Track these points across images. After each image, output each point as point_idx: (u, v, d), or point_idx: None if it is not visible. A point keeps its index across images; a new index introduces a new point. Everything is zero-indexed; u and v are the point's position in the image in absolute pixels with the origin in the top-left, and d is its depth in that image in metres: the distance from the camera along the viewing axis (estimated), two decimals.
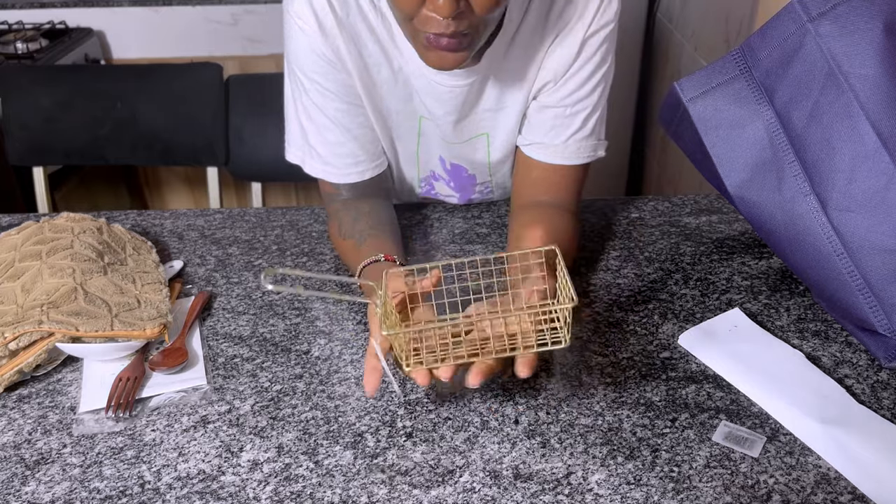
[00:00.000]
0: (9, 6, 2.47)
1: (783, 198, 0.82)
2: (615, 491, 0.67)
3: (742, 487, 0.67)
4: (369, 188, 1.02)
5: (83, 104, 1.68)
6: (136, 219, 1.14)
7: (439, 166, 1.07)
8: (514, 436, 0.73)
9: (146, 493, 0.68)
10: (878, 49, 0.75)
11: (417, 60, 0.86)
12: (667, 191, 2.24)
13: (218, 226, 1.11)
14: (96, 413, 0.77)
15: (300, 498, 0.67)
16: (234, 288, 0.96)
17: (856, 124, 0.76)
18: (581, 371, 0.81)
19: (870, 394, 0.77)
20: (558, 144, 0.97)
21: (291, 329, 0.88)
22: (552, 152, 0.97)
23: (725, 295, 0.93)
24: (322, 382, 0.80)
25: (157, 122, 1.68)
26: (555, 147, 0.97)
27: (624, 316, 0.90)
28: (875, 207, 0.75)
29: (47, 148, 1.71)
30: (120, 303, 0.85)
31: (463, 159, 1.05)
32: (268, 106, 1.66)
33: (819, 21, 0.78)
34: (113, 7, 2.48)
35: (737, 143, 0.85)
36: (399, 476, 0.69)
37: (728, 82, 0.86)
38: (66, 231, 0.95)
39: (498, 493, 0.67)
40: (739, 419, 0.74)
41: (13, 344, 0.78)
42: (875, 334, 0.80)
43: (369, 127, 0.98)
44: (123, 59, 2.56)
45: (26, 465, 0.71)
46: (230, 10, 2.50)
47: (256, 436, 0.74)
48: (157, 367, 0.81)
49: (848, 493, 0.67)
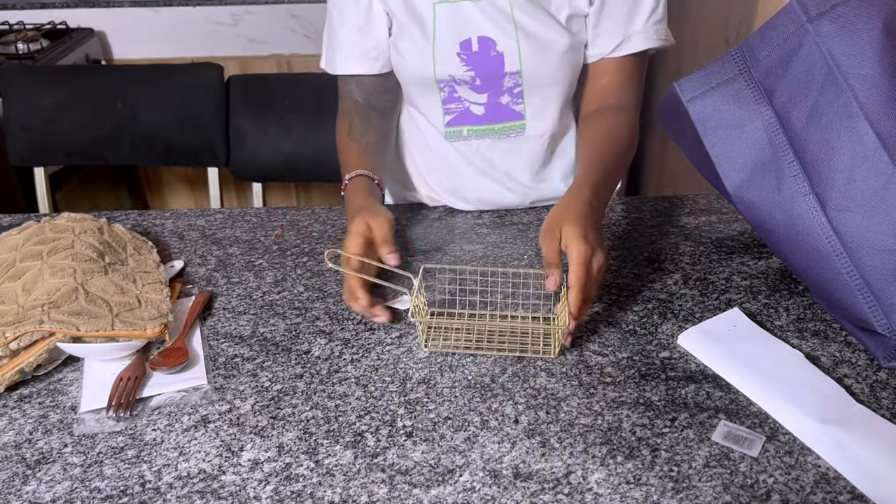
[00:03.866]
0: (9, 6, 2.47)
1: (782, 198, 0.82)
2: (615, 490, 0.67)
3: (741, 487, 0.67)
4: (377, 93, 1.09)
5: (84, 104, 1.68)
6: (137, 219, 1.14)
7: (458, 62, 1.04)
8: (513, 435, 0.73)
9: (147, 492, 0.68)
10: (877, 49, 0.75)
11: None
12: (667, 191, 2.24)
13: (218, 226, 1.12)
14: (97, 413, 0.77)
15: (300, 497, 0.67)
16: (235, 288, 0.96)
17: (855, 124, 0.76)
18: (581, 371, 0.81)
19: (869, 393, 0.77)
20: (638, 30, 1.01)
21: (292, 329, 0.89)
22: (632, 42, 1.02)
23: (725, 295, 0.93)
24: (322, 382, 0.80)
25: (158, 123, 1.68)
26: (635, 34, 1.01)
27: (623, 316, 0.90)
28: (874, 207, 0.75)
29: (48, 148, 1.71)
30: (121, 303, 0.86)
31: (487, 29, 1.02)
32: (268, 106, 1.66)
33: (818, 21, 0.78)
34: (114, 7, 2.49)
35: (736, 143, 0.85)
36: (399, 476, 0.69)
37: (727, 82, 0.86)
38: (66, 231, 0.95)
39: (498, 493, 0.67)
40: (739, 419, 0.75)
41: (14, 344, 0.78)
42: (874, 334, 0.80)
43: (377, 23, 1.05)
44: (124, 60, 2.56)
45: (27, 465, 0.71)
46: (230, 10, 2.50)
47: (257, 435, 0.74)
48: (158, 367, 0.81)
49: (847, 492, 0.67)
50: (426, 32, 1.02)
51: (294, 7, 2.50)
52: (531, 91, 1.06)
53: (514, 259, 1.01)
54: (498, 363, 0.82)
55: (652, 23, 1.02)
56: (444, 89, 1.07)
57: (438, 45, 1.02)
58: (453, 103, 1.08)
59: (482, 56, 1.03)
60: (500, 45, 1.02)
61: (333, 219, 1.13)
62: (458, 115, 1.09)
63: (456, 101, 1.08)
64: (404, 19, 1.03)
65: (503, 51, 1.02)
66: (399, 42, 1.04)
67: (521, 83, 1.05)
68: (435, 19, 1.01)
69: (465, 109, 1.08)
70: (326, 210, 1.16)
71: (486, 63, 1.03)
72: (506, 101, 1.07)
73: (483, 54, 1.03)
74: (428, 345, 0.85)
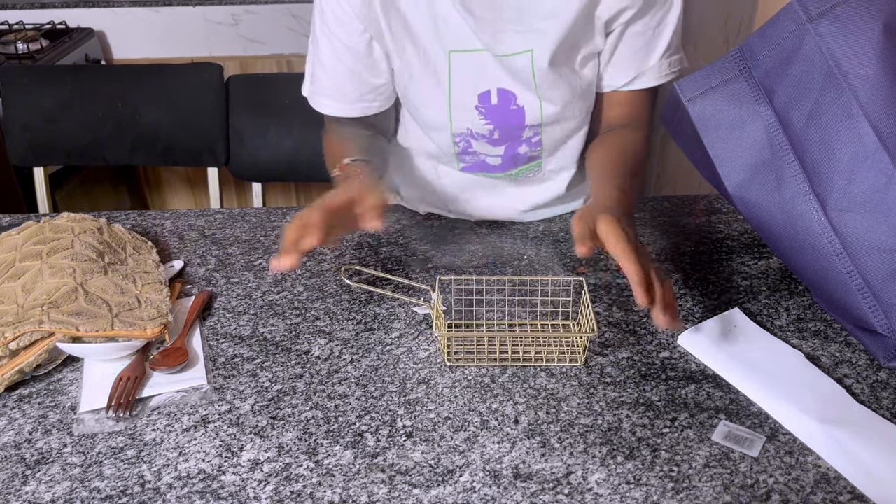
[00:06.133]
0: (9, 6, 2.47)
1: (783, 198, 0.82)
2: (615, 490, 0.67)
3: (741, 487, 0.67)
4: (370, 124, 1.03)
5: (84, 104, 1.68)
6: (137, 219, 1.14)
7: (476, 116, 0.97)
8: (513, 435, 0.73)
9: (146, 492, 0.68)
10: (877, 49, 0.75)
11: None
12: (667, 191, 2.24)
13: (218, 226, 1.12)
14: (97, 413, 0.77)
15: (300, 497, 0.67)
16: (235, 288, 0.96)
17: (855, 124, 0.76)
18: (581, 371, 0.81)
19: (869, 393, 0.77)
20: (653, 66, 0.97)
21: (291, 329, 0.89)
22: (644, 79, 0.97)
23: (725, 295, 0.93)
24: (322, 382, 0.80)
25: (158, 123, 1.68)
26: (649, 70, 0.97)
27: (624, 316, 0.90)
28: (874, 207, 0.75)
29: (48, 148, 1.71)
30: (120, 303, 0.86)
31: (506, 82, 0.95)
32: (268, 106, 1.66)
33: (818, 21, 0.78)
34: (113, 7, 2.48)
35: (736, 143, 0.85)
36: (399, 476, 0.69)
37: (727, 82, 0.86)
38: (66, 231, 0.95)
39: (498, 493, 0.67)
40: (739, 419, 0.74)
41: (14, 344, 0.78)
42: (874, 334, 0.80)
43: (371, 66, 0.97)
44: (124, 60, 2.56)
45: (27, 465, 0.71)
46: (230, 10, 2.50)
47: (256, 435, 0.74)
48: (158, 367, 0.81)
49: (847, 492, 0.67)
50: (440, 82, 0.95)
51: (294, 7, 2.50)
52: (549, 136, 1.01)
53: (514, 259, 1.01)
54: (498, 363, 0.82)
55: (666, 57, 0.97)
56: (458, 143, 1.01)
57: (455, 97, 0.95)
58: (468, 156, 1.03)
59: (502, 109, 0.96)
60: (521, 98, 0.95)
61: None
62: (473, 165, 1.04)
63: (471, 154, 1.02)
64: (416, 69, 0.95)
65: (524, 105, 0.96)
66: (409, 91, 0.98)
67: (540, 132, 1.00)
68: (450, 68, 0.94)
69: (481, 161, 1.03)
70: None
71: (506, 117, 0.97)
72: (524, 150, 1.02)
73: (503, 107, 0.96)
74: (450, 359, 0.83)
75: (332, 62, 0.97)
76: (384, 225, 0.80)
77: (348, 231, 0.85)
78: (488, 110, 0.96)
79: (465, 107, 0.96)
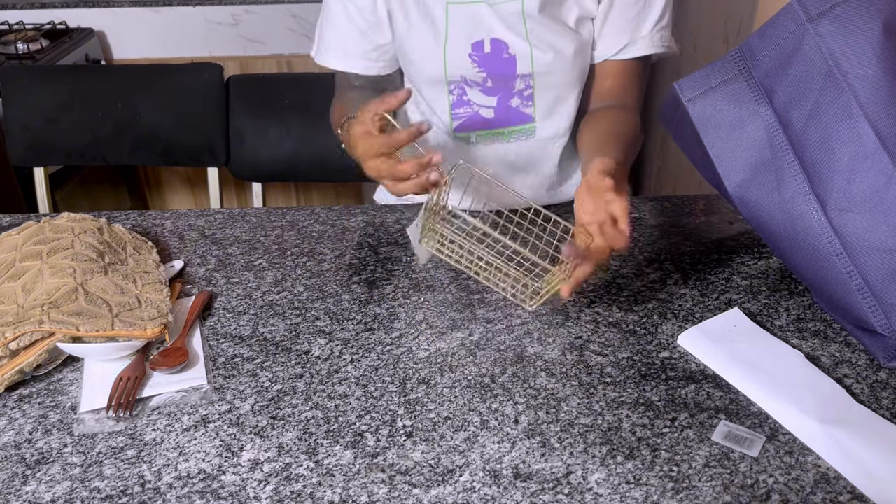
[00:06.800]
0: (9, 6, 2.47)
1: (782, 198, 0.82)
2: (615, 490, 0.67)
3: (741, 487, 0.67)
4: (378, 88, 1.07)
5: (84, 104, 1.68)
6: (137, 219, 1.14)
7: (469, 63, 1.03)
8: (513, 435, 0.73)
9: (146, 492, 0.68)
10: (877, 49, 0.75)
11: None
12: (667, 191, 2.24)
13: (218, 226, 1.12)
14: (97, 413, 0.77)
15: (300, 497, 0.67)
16: (235, 288, 0.96)
17: (855, 124, 0.76)
18: (581, 371, 0.81)
19: (869, 393, 0.77)
20: (644, 36, 1.02)
21: (292, 329, 0.89)
22: (636, 47, 1.02)
23: (725, 295, 0.93)
24: (322, 382, 0.80)
25: (158, 123, 1.68)
26: (641, 39, 1.02)
27: (624, 316, 0.90)
28: (874, 207, 0.75)
29: (48, 148, 1.71)
30: (120, 303, 0.86)
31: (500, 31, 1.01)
32: (268, 106, 1.66)
33: (818, 21, 0.78)
34: (113, 7, 2.49)
35: (736, 143, 0.85)
36: (399, 476, 0.69)
37: (727, 82, 0.86)
38: (66, 231, 0.95)
39: (498, 493, 0.67)
40: (739, 419, 0.75)
41: (14, 344, 0.78)
42: (874, 334, 0.80)
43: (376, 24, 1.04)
44: (124, 60, 2.56)
45: (27, 465, 0.71)
46: (230, 10, 2.50)
47: (257, 435, 0.74)
48: (158, 367, 0.81)
49: (847, 492, 0.67)
50: (437, 32, 1.02)
51: (294, 7, 2.50)
52: (541, 94, 1.06)
53: None
54: (498, 363, 0.82)
55: (658, 29, 1.03)
56: (453, 91, 1.06)
57: (450, 46, 1.02)
58: (462, 107, 1.07)
59: (494, 57, 1.03)
60: (513, 47, 1.02)
61: (333, 219, 1.13)
62: (467, 119, 1.08)
63: (465, 105, 1.07)
64: (415, 19, 1.02)
65: (515, 53, 1.02)
66: (406, 42, 1.04)
67: (531, 85, 1.05)
68: (448, 19, 1.01)
69: (475, 114, 1.08)
70: (326, 210, 1.16)
71: (498, 64, 1.03)
72: (516, 103, 1.07)
73: (495, 56, 1.03)
74: (423, 241, 0.85)
75: (340, 19, 1.05)
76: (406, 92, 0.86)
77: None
78: (481, 58, 1.03)
79: (459, 56, 1.02)
